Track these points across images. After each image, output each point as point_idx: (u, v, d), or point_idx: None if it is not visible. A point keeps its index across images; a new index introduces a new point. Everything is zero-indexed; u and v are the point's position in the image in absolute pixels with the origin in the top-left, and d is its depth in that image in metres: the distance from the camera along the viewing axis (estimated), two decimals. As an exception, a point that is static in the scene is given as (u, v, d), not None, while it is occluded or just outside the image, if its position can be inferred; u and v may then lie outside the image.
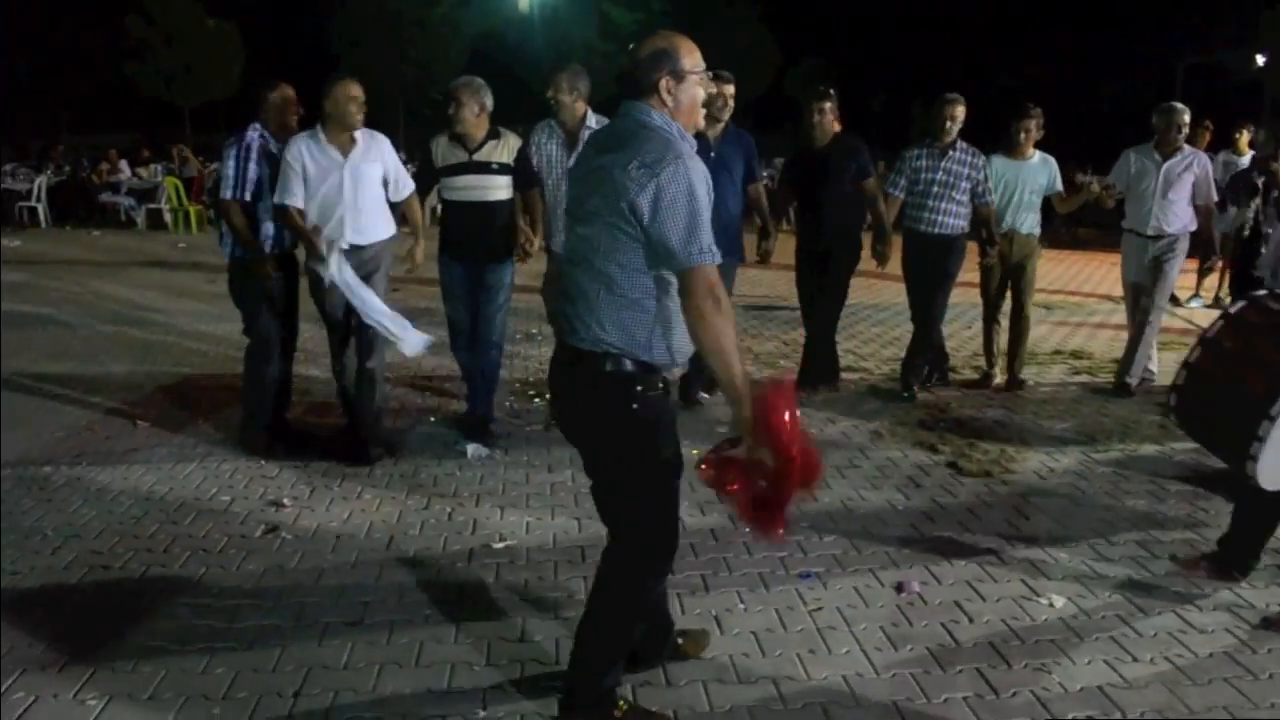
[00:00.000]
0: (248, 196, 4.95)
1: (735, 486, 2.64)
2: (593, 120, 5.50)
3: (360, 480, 4.83)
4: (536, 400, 6.19)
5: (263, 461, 5.07)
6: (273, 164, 4.96)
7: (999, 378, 6.80)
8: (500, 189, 5.27)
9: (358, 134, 4.96)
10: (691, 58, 2.69)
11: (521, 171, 5.31)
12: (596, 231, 2.60)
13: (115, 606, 3.57)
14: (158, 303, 9.86)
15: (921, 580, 3.79)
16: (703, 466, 2.70)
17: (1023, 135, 6.50)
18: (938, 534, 4.26)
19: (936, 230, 6.27)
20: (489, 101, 5.19)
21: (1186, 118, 6.42)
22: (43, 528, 4.26)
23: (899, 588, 3.73)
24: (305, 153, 4.85)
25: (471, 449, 5.21)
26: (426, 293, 5.45)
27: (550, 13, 33.04)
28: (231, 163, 4.96)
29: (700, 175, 2.55)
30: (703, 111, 2.80)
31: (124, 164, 19.22)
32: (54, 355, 7.52)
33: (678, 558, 4.01)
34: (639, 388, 2.64)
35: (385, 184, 5.09)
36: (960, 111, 6.27)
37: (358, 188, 4.92)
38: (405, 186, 5.22)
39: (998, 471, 5.04)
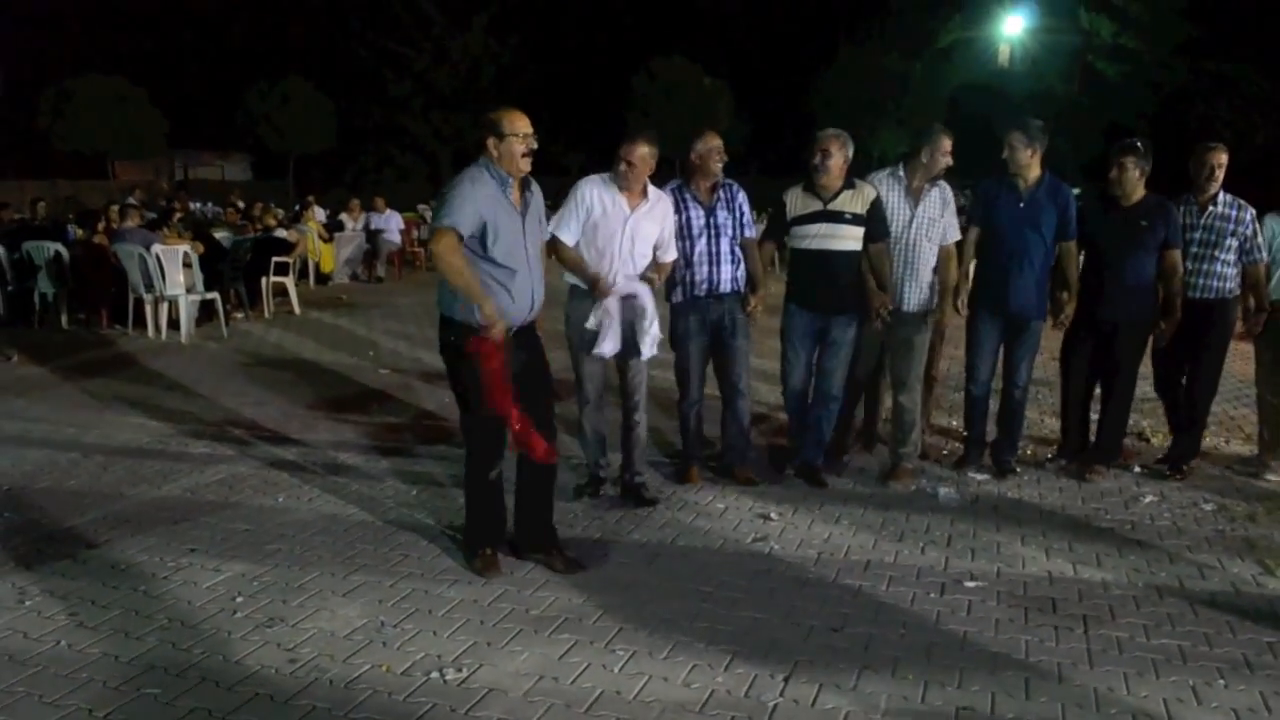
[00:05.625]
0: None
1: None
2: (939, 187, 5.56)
3: (837, 505, 5.28)
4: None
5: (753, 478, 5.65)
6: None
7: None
8: (849, 239, 5.32)
9: (650, 190, 5.02)
10: (511, 124, 4.09)
11: (872, 222, 5.35)
12: None
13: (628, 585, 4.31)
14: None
15: None
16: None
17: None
18: None
19: (1199, 295, 5.65)
20: (851, 152, 5.34)
21: None
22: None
23: None
24: (594, 196, 4.98)
25: (944, 493, 5.46)
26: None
27: (1031, 65, 32.10)
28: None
29: (472, 181, 4.08)
30: (525, 161, 4.12)
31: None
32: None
33: (1155, 624, 4.01)
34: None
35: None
36: (1222, 159, 5.59)
37: (634, 242, 4.98)
38: (667, 254, 5.16)
39: None
